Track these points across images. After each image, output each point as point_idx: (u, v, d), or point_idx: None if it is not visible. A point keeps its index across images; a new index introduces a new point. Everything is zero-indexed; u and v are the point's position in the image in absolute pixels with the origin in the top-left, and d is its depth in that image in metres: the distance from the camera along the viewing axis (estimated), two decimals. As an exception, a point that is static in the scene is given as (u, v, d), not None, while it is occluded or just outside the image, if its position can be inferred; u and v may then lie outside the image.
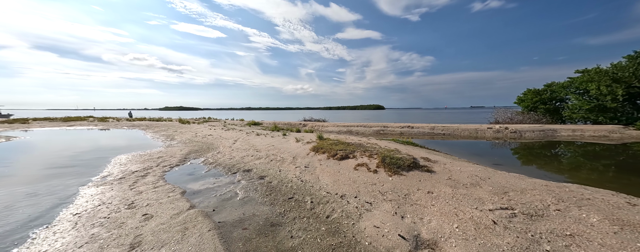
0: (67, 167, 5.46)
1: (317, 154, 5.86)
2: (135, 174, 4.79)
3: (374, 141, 7.84)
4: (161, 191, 3.80)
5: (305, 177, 4.43)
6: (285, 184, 4.15)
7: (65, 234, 2.48)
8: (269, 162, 5.64)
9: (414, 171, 4.10)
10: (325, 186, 3.96)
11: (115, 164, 5.71)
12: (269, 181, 4.37)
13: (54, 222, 2.76)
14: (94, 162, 6.02)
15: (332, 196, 3.53)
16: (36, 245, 2.31)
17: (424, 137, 12.76)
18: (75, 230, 2.57)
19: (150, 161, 6.08)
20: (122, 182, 4.30)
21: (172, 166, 5.58)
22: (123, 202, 3.33)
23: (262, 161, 5.80)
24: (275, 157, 6.03)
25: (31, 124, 17.92)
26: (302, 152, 6.19)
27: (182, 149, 7.74)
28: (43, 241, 2.38)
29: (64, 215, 2.95)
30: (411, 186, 3.57)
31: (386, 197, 3.29)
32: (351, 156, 5.28)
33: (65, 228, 2.61)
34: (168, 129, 14.39)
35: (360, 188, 3.69)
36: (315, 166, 5.10)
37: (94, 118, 23.98)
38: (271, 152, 6.68)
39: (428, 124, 14.63)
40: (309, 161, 5.47)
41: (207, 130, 13.21)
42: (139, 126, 17.35)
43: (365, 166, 4.61)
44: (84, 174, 4.87)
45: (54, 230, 2.59)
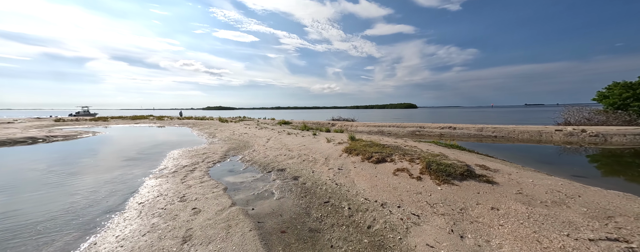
0: (135, 160, 6.40)
1: (350, 155, 5.61)
2: (185, 169, 5.31)
3: (411, 143, 7.18)
4: (206, 186, 4.08)
5: (340, 180, 4.24)
6: (320, 186, 4.03)
7: (132, 222, 2.81)
8: (301, 163, 5.62)
9: (468, 180, 3.52)
10: (362, 191, 3.70)
11: (169, 159, 6.47)
12: (303, 182, 4.32)
13: (125, 209, 3.18)
14: (153, 156, 6.94)
15: (370, 203, 3.26)
16: (111, 230, 2.65)
17: (470, 139, 11.25)
18: (140, 218, 2.89)
19: (197, 156, 6.71)
20: (175, 175, 4.79)
21: (214, 162, 6.04)
22: (176, 194, 3.67)
23: (294, 161, 5.83)
24: (307, 158, 5.99)
25: (109, 121, 21.97)
26: (334, 153, 6.01)
27: (222, 146, 8.38)
28: (116, 225, 2.73)
29: (131, 203, 3.38)
30: (467, 198, 3.05)
31: (437, 210, 2.86)
32: (388, 160, 4.88)
33: (132, 216, 2.97)
34: (210, 127, 15.90)
35: (402, 196, 3.32)
36: (349, 168, 4.86)
37: (153, 116, 28.18)
38: (303, 152, 6.68)
39: (474, 125, 12.88)
40: (342, 162, 5.26)
41: (243, 128, 14.13)
42: (187, 123, 19.64)
43: (405, 171, 4.18)
44: (146, 166, 5.63)
45: (125, 216, 2.96)
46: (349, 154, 5.72)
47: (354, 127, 15.64)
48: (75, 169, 5.43)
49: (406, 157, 4.83)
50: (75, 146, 8.76)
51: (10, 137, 9.98)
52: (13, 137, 9.88)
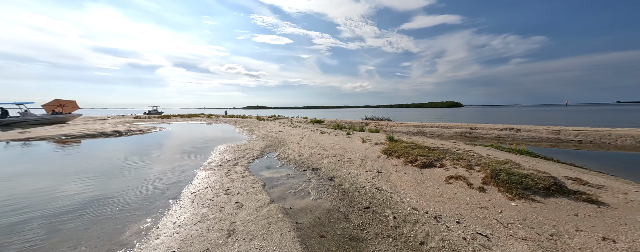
0: (189, 153, 7.26)
1: (389, 157, 5.14)
2: (229, 163, 5.73)
3: (463, 146, 6.20)
4: (247, 181, 4.26)
5: (380, 184, 3.87)
6: (358, 189, 3.75)
7: (186, 210, 3.07)
8: (336, 163, 5.42)
9: (558, 197, 2.73)
10: (408, 198, 3.27)
11: (216, 153, 7.12)
12: (339, 183, 4.11)
13: (180, 198, 3.53)
14: (204, 149, 7.77)
15: (420, 214, 2.83)
16: (170, 216, 2.94)
17: (541, 144, 9.19)
18: (192, 207, 3.15)
19: (238, 152, 7.20)
20: (220, 169, 5.19)
21: (253, 158, 6.36)
22: (222, 187, 3.92)
23: (329, 161, 5.66)
24: (342, 158, 5.75)
25: (171, 119, 25.97)
26: (371, 155, 5.62)
27: (260, 143, 8.84)
28: (174, 212, 3.03)
29: (186, 192, 3.74)
30: (560, 221, 2.34)
31: (514, 233, 2.27)
32: (437, 164, 4.25)
33: (186, 205, 3.25)
34: (249, 125, 17.16)
35: (462, 210, 2.78)
36: (390, 172, 4.43)
37: (204, 115, 32.14)
38: (337, 151, 6.47)
39: (546, 127, 10.51)
40: (381, 165, 4.84)
41: (278, 127, 14.76)
42: (230, 121, 21.68)
43: (462, 179, 3.54)
44: (198, 159, 6.30)
45: (180, 204, 3.27)
46: (388, 155, 5.26)
47: (390, 127, 14.64)
48: (146, 159, 6.45)
49: (461, 162, 4.12)
50: (146, 139, 10.54)
51: (105, 130, 12.69)
52: (106, 131, 12.53)
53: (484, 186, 3.25)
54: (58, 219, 2.89)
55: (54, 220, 2.87)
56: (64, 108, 23.40)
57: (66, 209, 3.19)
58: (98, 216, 2.97)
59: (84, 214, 3.03)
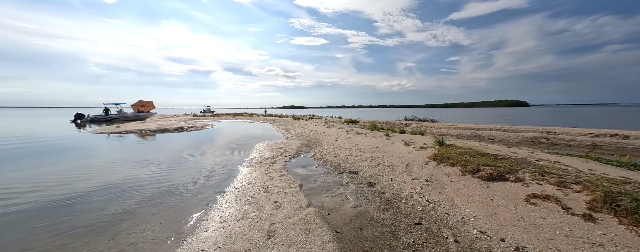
0: (234, 149, 7.90)
1: (441, 165, 4.43)
2: (268, 161, 5.95)
3: (545, 155, 4.91)
4: (285, 181, 4.28)
5: (432, 197, 3.31)
6: (404, 200, 3.29)
7: (230, 205, 3.23)
8: (375, 167, 4.99)
9: None
10: (472, 218, 2.67)
11: (256, 150, 7.55)
12: (380, 190, 3.71)
13: (226, 192, 3.76)
14: (245, 146, 8.36)
15: (493, 241, 2.24)
16: (217, 209, 3.13)
17: (670, 157, 6.61)
18: (236, 203, 3.29)
19: (276, 150, 7.47)
20: (260, 166, 5.42)
21: (290, 157, 6.46)
22: (262, 185, 4.03)
23: (367, 164, 5.27)
24: (382, 162, 5.27)
25: (221, 117, 29.36)
26: (417, 160, 4.97)
27: (296, 142, 9.01)
28: (220, 206, 3.21)
29: (230, 187, 3.98)
30: None
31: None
32: (511, 178, 3.41)
33: (231, 199, 3.43)
34: (286, 124, 17.91)
35: (559, 244, 2.08)
36: (443, 182, 3.78)
37: (246, 114, 35.30)
38: (376, 154, 5.99)
39: (680, 133, 7.57)
40: (431, 173, 4.20)
41: (313, 126, 14.91)
42: (269, 120, 23.13)
43: (553, 200, 2.71)
44: (241, 155, 6.78)
45: (226, 198, 3.46)
46: (439, 162, 4.54)
47: (436, 129, 13.05)
48: (200, 152, 7.30)
49: (547, 177, 3.20)
50: (201, 135, 12.06)
51: (171, 126, 15.14)
52: (172, 127, 14.92)
53: (591, 214, 2.38)
54: (134, 201, 3.42)
55: (130, 201, 3.41)
56: (145, 107, 29.15)
57: (140, 192, 3.76)
58: (162, 203, 3.38)
59: (152, 200, 3.50)
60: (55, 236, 2.50)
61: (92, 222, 2.79)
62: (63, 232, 2.57)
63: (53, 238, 2.47)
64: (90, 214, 3.00)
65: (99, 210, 3.11)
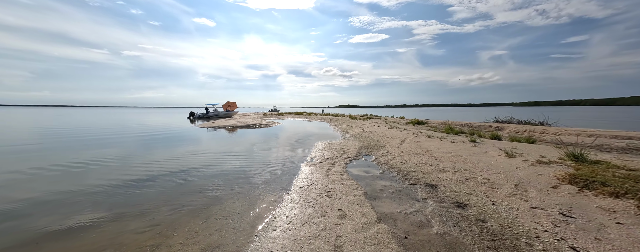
0: (296, 147, 8.35)
1: (585, 192, 2.92)
2: (328, 161, 5.85)
3: None
4: (347, 186, 3.98)
5: (583, 244, 2.14)
6: (525, 239, 2.29)
7: (295, 205, 3.22)
8: (462, 182, 3.89)
9: None
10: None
11: (316, 149, 7.66)
12: (479, 217, 2.77)
13: (291, 190, 3.85)
14: (306, 144, 8.68)
15: None
16: (283, 208, 3.20)
17: None
18: (300, 204, 3.26)
19: (335, 150, 7.31)
20: (321, 166, 5.36)
21: (350, 159, 6.11)
22: (324, 187, 3.89)
23: (449, 177, 4.21)
24: (473, 177, 4.07)
25: (284, 116, 32.65)
26: (534, 180, 3.53)
27: (355, 143, 8.59)
28: (286, 205, 3.27)
29: (294, 186, 4.06)
30: None
31: None
32: None
33: (295, 199, 3.44)
34: (342, 124, 17.74)
35: None
36: (598, 220, 2.42)
37: (305, 113, 37.73)
38: (460, 165, 4.74)
39: None
40: (568, 203, 2.81)
41: (372, 126, 13.99)
42: (326, 119, 23.70)
43: None
44: (303, 153, 7.04)
45: (291, 197, 3.52)
46: (581, 188, 3.02)
47: (552, 135, 9.41)
48: (268, 148, 8.13)
49: None
50: (269, 131, 13.63)
51: (247, 123, 17.98)
52: (248, 124, 17.69)
53: None
54: (220, 188, 4.02)
55: (218, 188, 4.02)
56: (230, 107, 36.33)
57: (224, 180, 4.42)
58: (240, 193, 3.80)
59: (233, 189, 4.01)
60: (171, 211, 3.19)
61: (192, 203, 3.41)
62: (175, 209, 3.25)
63: (169, 213, 3.15)
64: (192, 196, 3.71)
65: (197, 192, 3.82)
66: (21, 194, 3.78)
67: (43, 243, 2.41)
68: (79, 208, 3.24)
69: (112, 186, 4.14)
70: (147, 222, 2.80)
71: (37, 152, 7.20)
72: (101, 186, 4.14)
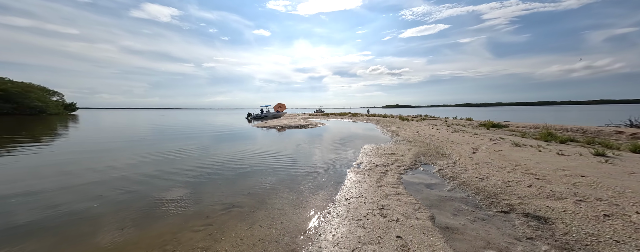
0: (341, 149, 7.90)
1: None
2: (377, 169, 5.13)
3: None
4: (405, 203, 3.23)
5: None
6: None
7: (342, 222, 2.79)
8: (601, 220, 2.51)
9: None
10: None
11: (363, 153, 6.99)
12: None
13: (335, 201, 3.44)
14: (352, 147, 8.11)
15: None
16: (329, 223, 2.81)
17: None
18: (348, 221, 2.80)
19: (385, 156, 6.45)
20: (370, 174, 4.72)
21: (405, 168, 5.19)
22: (375, 202, 3.29)
23: (569, 207, 2.84)
24: (620, 212, 2.59)
25: (329, 116, 32.81)
26: None
27: (409, 149, 7.42)
28: (332, 220, 2.87)
29: (340, 196, 3.62)
30: None
31: None
32: None
33: (342, 214, 3.00)
34: (392, 125, 16.13)
35: None
36: None
37: (350, 114, 36.84)
38: (587, 191, 3.19)
39: None
40: None
41: (428, 129, 12.06)
42: (372, 120, 22.29)
43: None
44: (348, 157, 6.52)
45: (337, 211, 3.10)
46: None
47: None
48: (313, 149, 8.00)
49: None
50: (314, 132, 13.72)
51: (294, 124, 18.80)
52: (295, 124, 18.47)
53: None
54: (266, 191, 4.00)
55: (264, 190, 4.02)
56: (280, 108, 39.39)
57: (271, 182, 4.43)
58: (284, 197, 3.67)
59: (278, 191, 3.92)
60: (223, 210, 3.31)
61: (241, 204, 3.46)
62: (226, 209, 3.35)
63: (222, 212, 3.26)
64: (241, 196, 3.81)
65: (246, 193, 3.91)
66: (141, 170, 5.38)
67: (154, 214, 2.90)
68: (170, 186, 4.24)
69: (189, 174, 5.04)
70: (203, 220, 2.93)
71: (149, 142, 9.93)
72: (184, 172, 5.18)
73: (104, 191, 3.96)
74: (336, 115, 36.11)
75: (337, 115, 36.07)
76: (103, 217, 3.03)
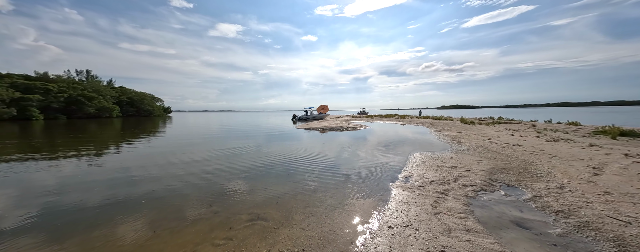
0: (384, 156, 6.83)
1: None
2: (433, 187, 4.00)
3: None
4: (483, 248, 2.19)
5: None
6: None
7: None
8: None
9: None
10: None
11: (412, 164, 5.79)
12: None
13: (375, 230, 2.69)
14: (397, 155, 6.92)
15: None
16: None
17: None
18: (388, 264, 2.04)
19: (444, 169, 5.11)
20: (423, 194, 3.69)
21: (475, 189, 3.85)
22: (432, 241, 2.38)
23: None
24: None
25: (373, 118, 30.84)
26: None
27: (479, 161, 5.71)
28: (366, 256, 2.17)
29: (382, 221, 2.86)
30: None
31: None
32: None
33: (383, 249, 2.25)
34: (451, 129, 13.48)
35: None
36: None
37: (398, 115, 33.62)
38: None
39: None
40: None
41: (506, 135, 9.33)
42: (425, 123, 19.44)
43: None
44: (393, 166, 5.48)
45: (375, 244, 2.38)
46: None
47: None
48: (353, 154, 7.24)
49: None
50: (356, 135, 12.86)
51: (335, 126, 18.35)
52: (336, 126, 18.00)
53: None
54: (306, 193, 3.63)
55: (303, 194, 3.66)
56: (323, 110, 39.86)
57: (298, 195, 4.05)
58: (312, 216, 3.18)
59: (306, 209, 3.48)
60: (248, 221, 3.11)
61: (265, 216, 3.19)
62: (251, 220, 3.14)
63: (246, 224, 3.06)
64: (267, 206, 3.56)
65: (274, 202, 3.64)
66: (207, 164, 6.27)
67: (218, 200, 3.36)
68: (214, 184, 4.62)
69: (243, 169, 5.74)
70: (226, 231, 2.72)
71: (218, 139, 11.78)
72: (240, 167, 5.93)
73: (184, 176, 5.10)
74: (381, 117, 33.65)
75: (382, 117, 33.54)
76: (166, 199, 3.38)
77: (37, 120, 31.50)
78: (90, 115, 41.31)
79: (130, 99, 54.28)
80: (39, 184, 4.58)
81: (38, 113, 33.63)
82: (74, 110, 39.46)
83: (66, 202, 3.64)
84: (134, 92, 57.45)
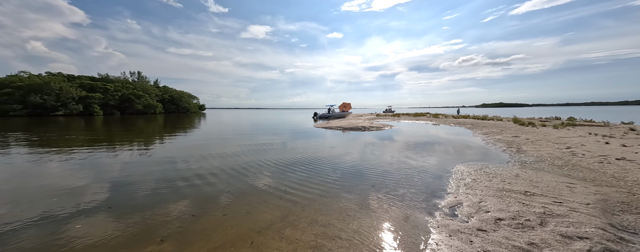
0: (413, 169, 5.18)
1: None
2: (503, 233, 2.41)
3: None
4: None
5: None
6: None
7: None
8: None
9: None
10: None
11: (458, 182, 4.13)
12: None
13: None
14: (434, 167, 5.17)
15: None
16: None
17: None
18: None
19: (512, 196, 3.38)
20: (484, 242, 2.17)
21: (589, 240, 2.17)
22: None
23: None
24: None
25: (400, 117, 28.10)
26: None
27: (569, 186, 3.76)
28: None
29: None
30: None
31: None
32: None
33: None
34: (502, 132, 10.80)
35: None
36: None
37: (429, 114, 30.11)
38: None
39: None
40: None
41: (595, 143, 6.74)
42: (464, 124, 16.52)
43: None
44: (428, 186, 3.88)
45: None
46: None
47: None
48: (372, 161, 5.76)
49: None
50: (379, 135, 11.17)
51: (357, 125, 16.76)
52: (357, 126, 16.41)
53: None
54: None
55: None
56: (346, 108, 38.15)
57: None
58: None
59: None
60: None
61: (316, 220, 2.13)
62: None
63: None
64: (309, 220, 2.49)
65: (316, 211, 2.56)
66: (236, 159, 6.42)
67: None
68: (230, 183, 4.39)
69: (267, 164, 5.73)
70: None
71: (247, 135, 12.03)
72: (265, 162, 5.93)
73: (213, 170, 5.23)
74: (410, 116, 30.53)
75: (411, 116, 30.39)
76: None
77: (97, 116, 36.89)
78: (138, 111, 46.99)
79: (171, 97, 60.45)
80: (144, 165, 5.52)
81: (98, 109, 39.36)
82: (126, 106, 45.29)
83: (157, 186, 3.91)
84: (174, 91, 63.85)
